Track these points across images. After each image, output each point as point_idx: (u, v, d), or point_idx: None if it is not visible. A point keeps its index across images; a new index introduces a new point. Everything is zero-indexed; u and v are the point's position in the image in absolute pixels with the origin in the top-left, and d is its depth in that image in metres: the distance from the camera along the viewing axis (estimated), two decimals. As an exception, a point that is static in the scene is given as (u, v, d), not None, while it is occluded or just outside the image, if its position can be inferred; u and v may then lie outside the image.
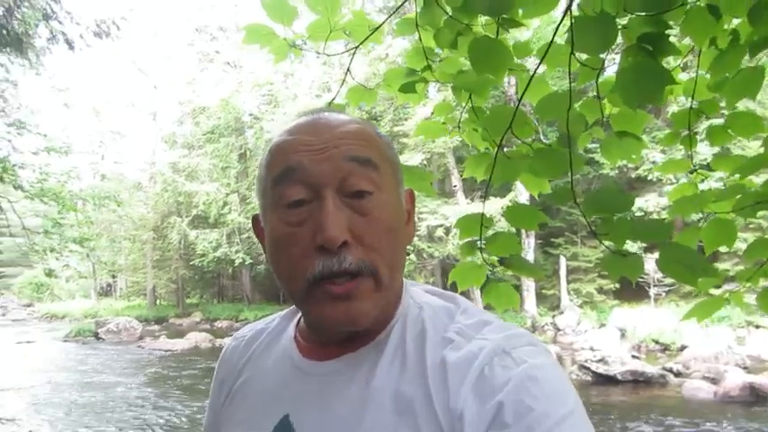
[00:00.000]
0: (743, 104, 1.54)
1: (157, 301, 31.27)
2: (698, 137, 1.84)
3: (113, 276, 37.05)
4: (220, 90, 27.22)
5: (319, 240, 0.65)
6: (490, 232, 1.70)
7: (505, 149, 1.64)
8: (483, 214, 1.67)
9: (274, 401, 0.75)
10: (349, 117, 0.74)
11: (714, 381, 10.16)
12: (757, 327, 15.40)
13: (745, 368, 11.35)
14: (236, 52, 27.01)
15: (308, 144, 0.68)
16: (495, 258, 1.70)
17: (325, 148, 0.68)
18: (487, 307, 1.61)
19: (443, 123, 2.02)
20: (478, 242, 1.68)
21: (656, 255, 1.32)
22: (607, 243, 1.38)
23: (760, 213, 1.61)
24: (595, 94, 1.51)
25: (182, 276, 28.85)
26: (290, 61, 1.90)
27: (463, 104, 1.88)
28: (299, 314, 0.83)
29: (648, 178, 18.13)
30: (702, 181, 1.84)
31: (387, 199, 0.70)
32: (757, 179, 1.69)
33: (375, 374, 0.69)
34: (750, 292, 1.74)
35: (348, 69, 1.85)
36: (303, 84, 24.51)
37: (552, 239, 20.39)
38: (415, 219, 0.80)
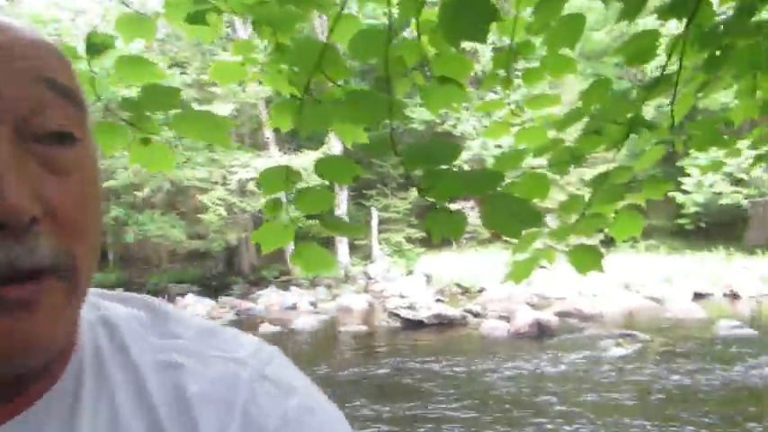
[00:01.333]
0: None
1: None
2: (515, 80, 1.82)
3: None
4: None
5: None
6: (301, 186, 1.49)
7: (315, 95, 1.43)
8: (288, 167, 1.45)
9: None
10: (29, 27, 0.42)
11: (508, 319, 11.17)
12: (542, 267, 17.30)
13: (533, 306, 12.64)
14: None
15: None
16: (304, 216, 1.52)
17: (3, 56, 0.38)
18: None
19: (242, 64, 1.73)
20: (285, 198, 1.47)
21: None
22: (431, 199, 1.24)
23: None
24: (414, 33, 1.35)
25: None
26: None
27: (265, 42, 1.62)
28: None
29: (452, 133, 19.23)
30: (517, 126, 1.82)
31: (92, 156, 0.44)
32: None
33: None
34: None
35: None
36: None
37: (364, 191, 20.90)
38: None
